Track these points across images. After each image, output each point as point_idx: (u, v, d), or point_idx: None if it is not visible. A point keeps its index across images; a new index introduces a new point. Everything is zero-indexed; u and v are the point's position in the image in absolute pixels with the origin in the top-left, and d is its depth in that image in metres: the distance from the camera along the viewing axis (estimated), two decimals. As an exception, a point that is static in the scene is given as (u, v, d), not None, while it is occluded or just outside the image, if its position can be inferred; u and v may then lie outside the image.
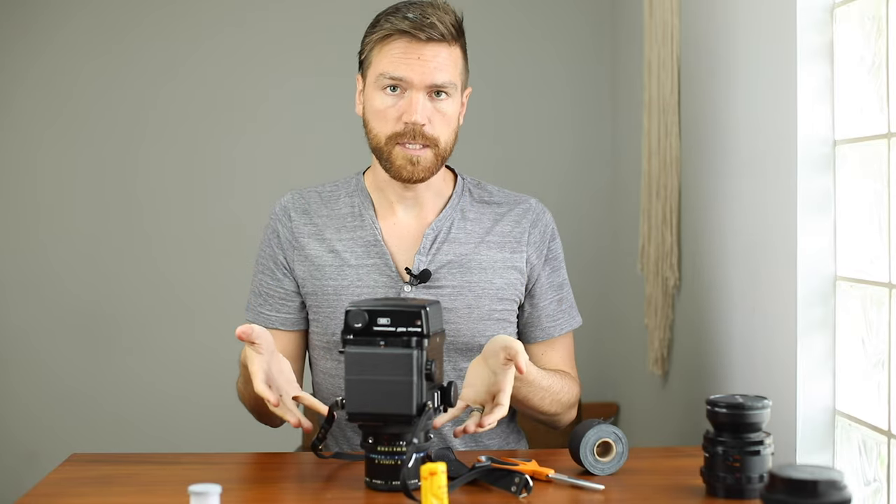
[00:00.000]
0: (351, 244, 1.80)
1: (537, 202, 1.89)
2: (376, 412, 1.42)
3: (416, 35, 1.69)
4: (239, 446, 2.34)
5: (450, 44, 1.72)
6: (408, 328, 1.42)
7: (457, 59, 1.74)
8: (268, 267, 1.84)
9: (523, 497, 1.44)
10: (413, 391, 1.40)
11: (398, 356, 1.41)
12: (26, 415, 3.28)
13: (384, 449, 1.44)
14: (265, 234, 1.86)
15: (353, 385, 1.42)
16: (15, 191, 3.28)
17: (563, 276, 1.88)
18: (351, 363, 1.42)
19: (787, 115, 1.71)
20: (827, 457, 1.68)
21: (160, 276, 3.30)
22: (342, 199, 1.85)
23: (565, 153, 3.30)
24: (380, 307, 1.43)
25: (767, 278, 1.81)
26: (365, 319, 1.42)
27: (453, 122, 1.76)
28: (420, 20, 1.70)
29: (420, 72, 1.70)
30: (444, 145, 1.74)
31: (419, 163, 1.73)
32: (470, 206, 1.85)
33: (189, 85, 3.29)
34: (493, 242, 1.82)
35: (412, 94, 1.70)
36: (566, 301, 1.87)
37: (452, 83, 1.73)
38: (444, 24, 1.71)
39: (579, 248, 3.18)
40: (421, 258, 1.78)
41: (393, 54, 1.71)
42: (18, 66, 3.26)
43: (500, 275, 1.81)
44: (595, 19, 3.28)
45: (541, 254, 1.84)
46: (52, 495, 1.50)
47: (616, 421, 3.12)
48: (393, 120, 1.72)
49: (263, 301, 1.85)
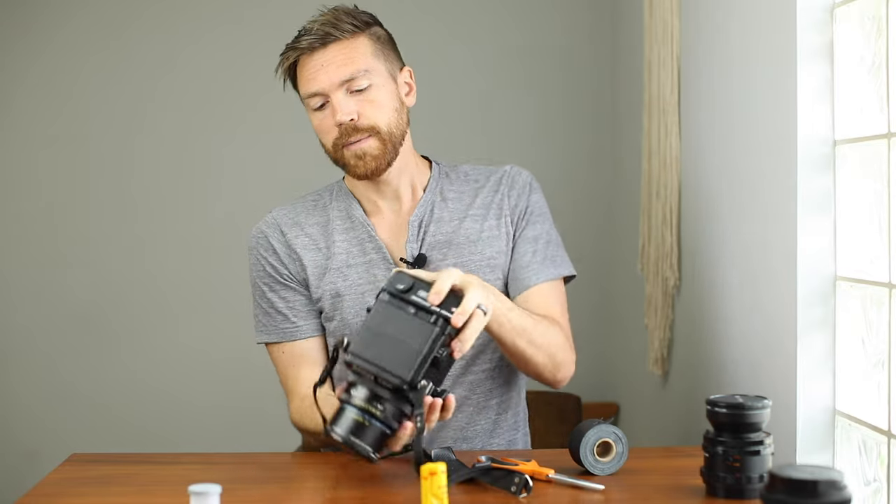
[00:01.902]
0: (346, 245, 1.82)
1: (512, 166, 1.90)
2: (375, 363, 1.42)
3: (314, 46, 1.75)
4: (239, 446, 2.35)
5: (350, 38, 1.75)
6: (442, 309, 1.44)
7: (362, 46, 1.76)
8: (277, 283, 1.83)
9: (523, 497, 1.44)
10: (417, 360, 1.41)
11: (422, 325, 1.43)
12: (27, 414, 3.28)
13: (359, 403, 1.43)
14: (256, 255, 1.84)
15: (368, 332, 1.44)
16: (14, 191, 3.28)
17: (540, 230, 1.84)
18: (376, 314, 1.45)
19: (787, 114, 1.71)
20: (827, 457, 1.68)
21: (161, 276, 3.30)
22: (330, 205, 1.87)
23: (565, 153, 3.30)
24: (425, 281, 1.46)
25: (767, 278, 1.81)
26: (409, 284, 1.45)
27: (387, 104, 1.77)
28: (314, 34, 1.75)
29: (326, 76, 1.74)
30: (386, 129, 1.76)
31: (366, 153, 1.75)
32: (448, 188, 1.86)
33: (189, 85, 3.29)
34: (476, 215, 1.84)
35: (332, 99, 1.74)
36: (541, 253, 1.82)
37: (364, 70, 1.75)
38: (338, 26, 1.75)
39: (579, 248, 3.17)
40: (412, 245, 1.81)
41: (304, 74, 1.77)
42: (17, 66, 3.26)
43: (489, 244, 1.82)
44: (595, 19, 3.28)
45: (521, 211, 1.85)
46: (52, 495, 1.51)
47: (616, 421, 3.12)
48: (329, 129, 1.77)
49: (285, 317, 1.82)
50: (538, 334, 1.70)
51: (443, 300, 1.44)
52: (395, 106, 1.79)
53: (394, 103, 1.78)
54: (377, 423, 1.43)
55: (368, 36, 1.78)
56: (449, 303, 1.45)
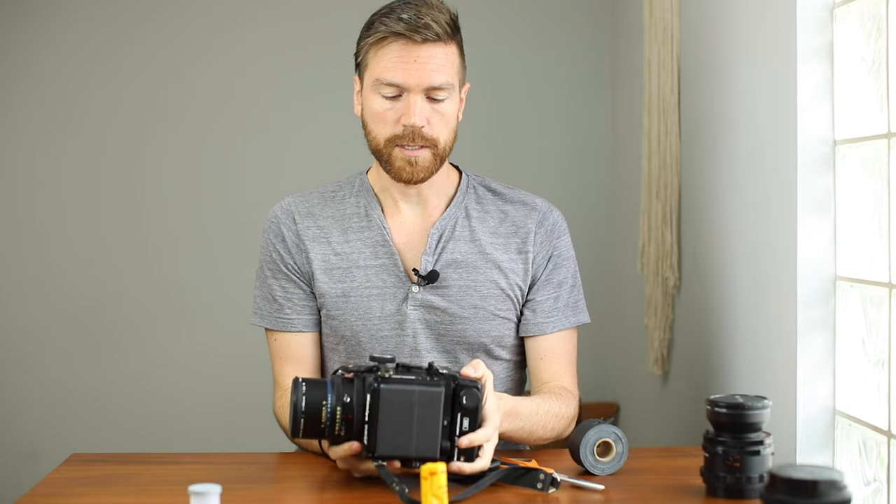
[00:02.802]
0: (359, 245, 1.79)
1: (543, 201, 1.87)
2: (402, 454, 1.45)
3: (412, 37, 1.68)
4: (239, 446, 2.34)
5: (446, 43, 1.71)
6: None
7: (453, 57, 1.73)
8: (280, 272, 1.81)
9: (551, 492, 1.47)
10: (439, 433, 1.44)
11: (431, 394, 1.44)
12: (26, 415, 3.27)
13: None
14: (267, 239, 1.83)
15: (383, 428, 1.44)
16: (13, 192, 3.28)
17: (564, 275, 1.84)
18: (382, 405, 1.44)
19: (787, 115, 1.71)
20: (827, 457, 1.68)
21: (159, 277, 3.30)
22: (348, 200, 1.83)
23: (565, 153, 3.30)
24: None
25: (767, 278, 1.81)
26: (391, 361, 1.47)
27: (452, 121, 1.75)
28: (415, 21, 1.68)
29: (417, 75, 1.68)
30: (443, 145, 1.73)
31: (417, 163, 1.72)
32: (474, 205, 1.83)
33: (190, 86, 3.29)
34: (498, 244, 1.81)
35: (410, 97, 1.69)
36: (563, 300, 1.83)
37: (450, 83, 1.71)
38: (440, 23, 1.69)
39: (579, 248, 3.15)
40: (427, 258, 1.78)
41: (389, 58, 1.69)
42: (16, 65, 3.25)
43: (505, 275, 1.80)
44: (595, 19, 3.28)
45: (546, 253, 1.83)
46: (52, 495, 1.50)
47: (616, 421, 3.12)
48: (391, 123, 1.71)
49: (280, 307, 1.81)
50: (548, 429, 1.73)
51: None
52: (455, 123, 1.76)
53: (455, 120, 1.76)
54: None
55: (458, 45, 1.75)
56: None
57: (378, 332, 1.77)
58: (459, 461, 1.47)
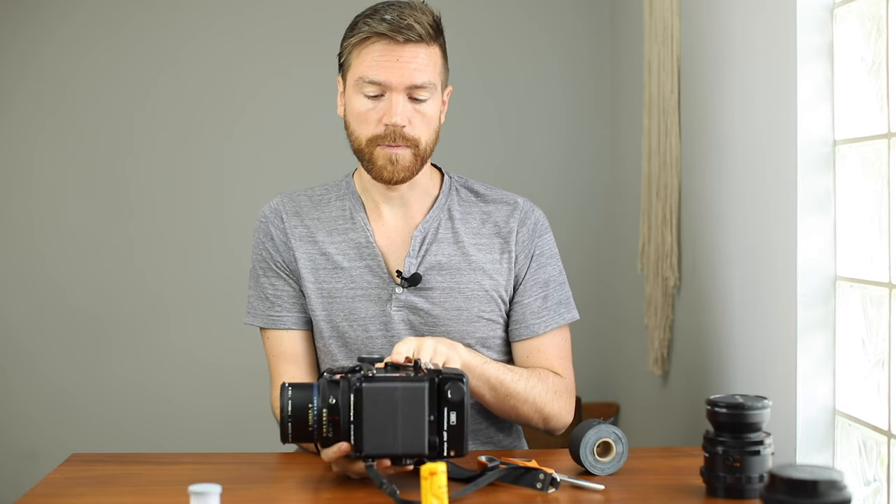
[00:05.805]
0: (343, 246, 1.81)
1: (525, 200, 1.87)
2: (390, 452, 1.45)
3: (394, 37, 1.69)
4: (239, 446, 2.34)
5: (428, 44, 1.72)
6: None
7: (436, 58, 1.74)
8: (270, 269, 1.83)
9: (551, 492, 1.47)
10: (425, 428, 1.45)
11: (413, 388, 1.45)
12: (26, 416, 3.27)
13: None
14: (257, 238, 1.85)
15: (368, 427, 1.44)
16: (11, 192, 3.28)
17: (550, 274, 1.84)
18: (366, 405, 1.45)
19: (787, 115, 1.71)
20: (827, 457, 1.68)
21: (158, 278, 3.30)
22: (333, 203, 1.85)
23: (565, 153, 3.30)
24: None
25: (767, 278, 1.81)
26: (375, 361, 1.49)
27: (434, 122, 1.75)
28: (398, 22, 1.69)
29: (399, 73, 1.69)
30: (423, 146, 1.74)
31: (398, 161, 1.72)
32: (457, 206, 1.84)
33: (184, 86, 3.28)
34: (481, 245, 1.81)
35: (392, 97, 1.70)
36: (552, 298, 1.83)
37: (432, 83, 1.73)
38: (422, 24, 1.71)
39: (579, 247, 3.18)
40: (411, 260, 1.79)
41: (372, 57, 1.71)
42: (13, 64, 3.25)
43: (489, 276, 1.80)
44: (595, 19, 3.28)
45: (528, 252, 1.83)
46: (52, 495, 1.51)
47: (616, 421, 3.12)
48: (374, 122, 1.72)
49: (271, 304, 1.83)
50: (521, 388, 1.73)
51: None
52: (437, 124, 1.77)
53: (437, 121, 1.77)
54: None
55: (440, 47, 1.76)
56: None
57: (364, 332, 1.79)
58: (450, 456, 1.47)
